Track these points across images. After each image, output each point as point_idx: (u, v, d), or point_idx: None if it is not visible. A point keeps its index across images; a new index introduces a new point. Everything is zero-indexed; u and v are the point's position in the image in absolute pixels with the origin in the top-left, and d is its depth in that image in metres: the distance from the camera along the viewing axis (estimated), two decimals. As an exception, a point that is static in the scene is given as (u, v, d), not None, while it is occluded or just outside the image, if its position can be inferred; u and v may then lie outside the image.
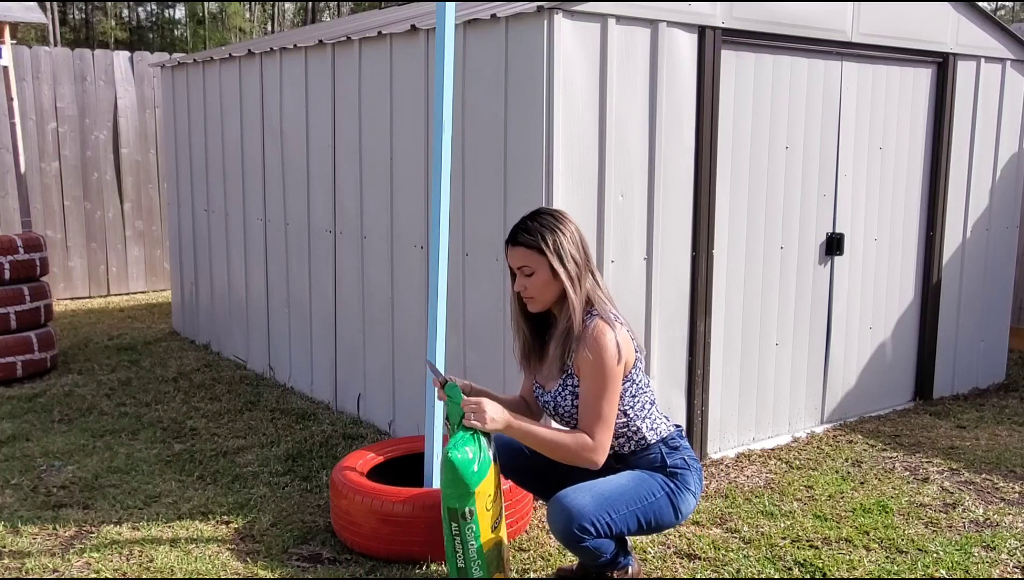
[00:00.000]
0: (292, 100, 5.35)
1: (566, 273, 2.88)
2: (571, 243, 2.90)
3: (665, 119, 4.06)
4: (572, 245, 2.90)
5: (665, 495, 2.94)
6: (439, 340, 3.37)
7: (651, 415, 3.01)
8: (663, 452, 3.00)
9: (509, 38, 3.81)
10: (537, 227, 2.91)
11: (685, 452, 3.04)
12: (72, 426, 4.94)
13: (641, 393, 2.99)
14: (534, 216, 2.96)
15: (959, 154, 5.39)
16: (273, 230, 5.71)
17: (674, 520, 2.99)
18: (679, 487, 2.97)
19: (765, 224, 4.57)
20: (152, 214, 9.28)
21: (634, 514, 2.88)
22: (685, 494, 2.98)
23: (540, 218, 2.94)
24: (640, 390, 2.98)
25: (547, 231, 2.89)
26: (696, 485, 3.02)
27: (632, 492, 2.90)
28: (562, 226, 2.91)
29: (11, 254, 5.78)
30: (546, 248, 2.87)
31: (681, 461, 3.00)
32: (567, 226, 2.92)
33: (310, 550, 3.48)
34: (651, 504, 2.91)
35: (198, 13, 41.87)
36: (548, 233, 2.89)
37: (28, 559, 3.38)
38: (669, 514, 2.96)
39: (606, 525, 2.83)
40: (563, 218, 2.95)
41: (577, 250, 2.91)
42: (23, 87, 8.33)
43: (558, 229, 2.90)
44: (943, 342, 5.52)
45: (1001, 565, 3.42)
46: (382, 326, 4.80)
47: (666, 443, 3.01)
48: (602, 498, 2.83)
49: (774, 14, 4.36)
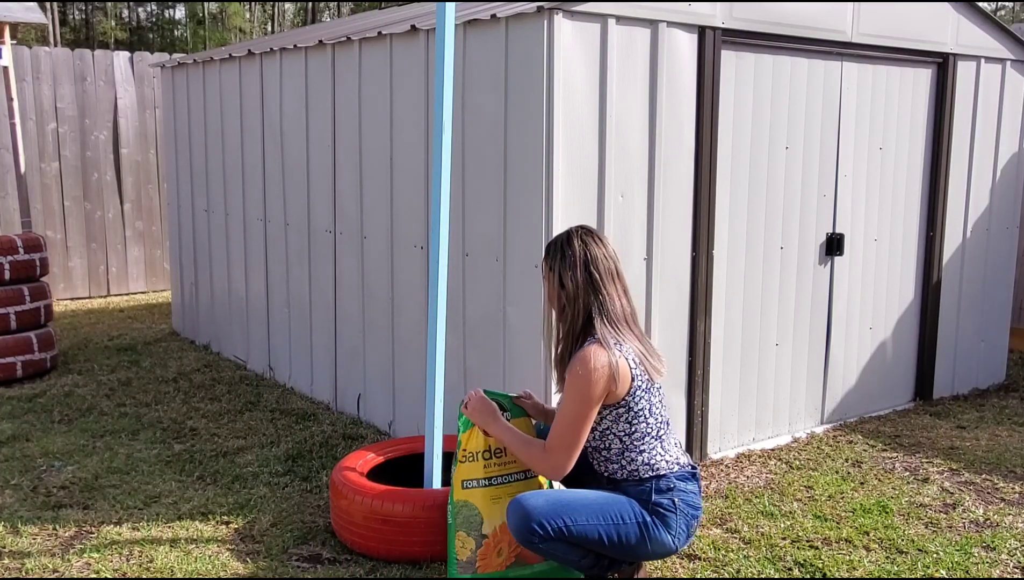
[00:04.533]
0: (292, 100, 5.35)
1: (558, 292, 3.00)
2: (573, 265, 2.96)
3: (665, 119, 4.06)
4: (574, 266, 2.95)
5: (635, 524, 2.89)
6: (439, 340, 3.37)
7: (650, 449, 2.95)
8: (651, 488, 2.93)
9: (509, 38, 3.81)
10: (553, 243, 3.07)
11: (679, 495, 2.94)
12: (72, 426, 4.94)
13: (639, 422, 2.93)
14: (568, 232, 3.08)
15: (959, 154, 5.39)
16: (273, 230, 5.71)
17: (645, 551, 2.93)
18: (655, 524, 2.90)
19: (765, 224, 4.57)
20: (152, 214, 9.28)
21: (595, 528, 2.86)
22: (661, 532, 2.91)
23: (563, 234, 3.06)
24: (638, 419, 2.93)
25: (555, 247, 3.04)
26: (679, 529, 2.93)
27: (598, 507, 2.89)
28: (568, 245, 3.00)
29: (11, 254, 5.78)
30: (547, 264, 3.05)
31: (668, 502, 2.92)
32: (572, 244, 2.99)
33: (310, 550, 3.48)
34: (617, 526, 2.88)
35: (198, 13, 41.87)
36: (555, 249, 3.03)
37: (28, 559, 3.38)
38: (639, 545, 2.90)
39: (558, 529, 2.82)
40: (576, 236, 3.01)
41: (578, 271, 2.95)
42: (23, 87, 8.34)
43: (566, 247, 2.99)
44: (943, 342, 5.52)
45: (1001, 565, 3.42)
46: (382, 326, 4.80)
47: (659, 481, 2.93)
48: (560, 503, 2.87)
49: (774, 14, 4.36)
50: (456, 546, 3.15)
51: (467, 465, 3.18)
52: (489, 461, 3.19)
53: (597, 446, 3.01)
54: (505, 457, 3.21)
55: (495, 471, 3.19)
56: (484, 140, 3.99)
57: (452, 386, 4.06)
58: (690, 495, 2.97)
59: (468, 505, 3.15)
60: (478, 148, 4.03)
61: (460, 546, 3.14)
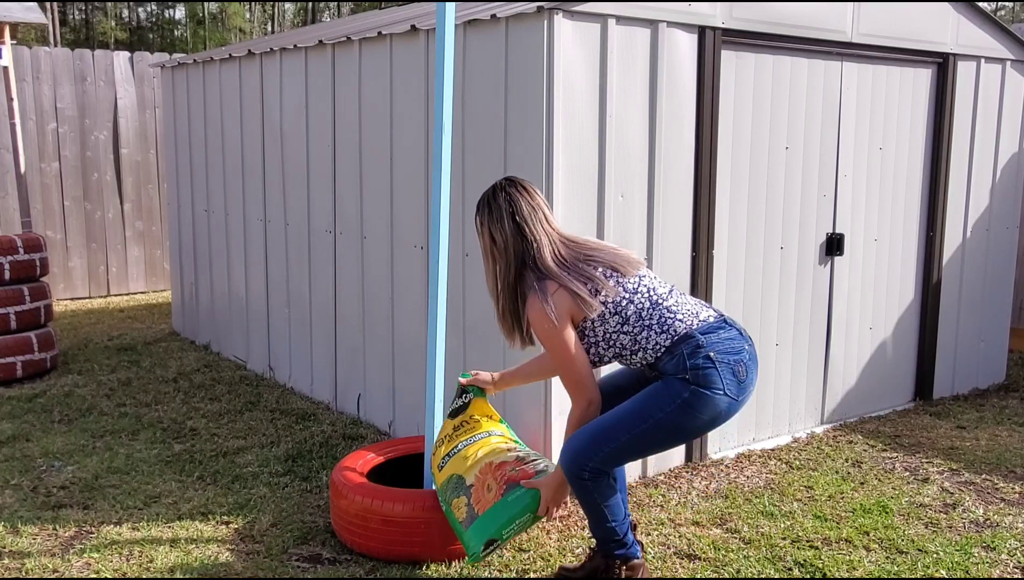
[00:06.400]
0: (292, 100, 5.35)
1: (490, 247, 3.06)
2: (500, 218, 3.01)
3: (665, 119, 4.06)
4: (501, 219, 3.01)
5: (676, 406, 2.88)
6: (439, 340, 3.38)
7: (657, 318, 2.95)
8: (684, 354, 2.90)
9: (509, 38, 3.81)
10: (480, 200, 3.11)
11: (712, 348, 2.89)
12: (72, 426, 4.94)
13: (625, 307, 2.95)
14: None
15: (959, 154, 5.39)
16: (273, 230, 5.71)
17: (702, 424, 2.91)
18: (699, 392, 2.86)
19: (765, 224, 4.57)
20: (152, 214, 9.28)
21: (639, 436, 2.91)
22: (707, 396, 2.86)
23: (489, 189, 3.11)
24: (621, 306, 2.95)
25: (482, 203, 3.08)
26: (726, 380, 2.88)
27: (635, 413, 2.93)
28: (494, 199, 3.04)
29: (11, 254, 5.78)
30: (478, 220, 3.09)
31: (704, 360, 2.87)
32: (498, 198, 3.05)
33: (310, 550, 3.48)
34: (658, 421, 2.89)
35: (198, 13, 41.86)
36: (483, 205, 3.08)
37: (28, 559, 3.38)
38: (690, 422, 2.89)
39: (604, 458, 2.93)
40: (500, 190, 3.06)
41: (505, 223, 3.00)
42: (23, 87, 8.34)
43: (492, 201, 3.05)
44: (943, 342, 5.52)
45: (1001, 565, 3.42)
46: (382, 326, 4.80)
47: (686, 344, 2.90)
48: (599, 432, 2.95)
49: (774, 14, 4.36)
50: (457, 518, 3.16)
51: (438, 450, 3.38)
52: (454, 435, 3.36)
53: (617, 352, 3.02)
54: (469, 424, 3.36)
55: (462, 438, 3.34)
56: (484, 140, 3.99)
57: (452, 386, 4.05)
58: (724, 342, 2.92)
59: (449, 478, 3.23)
60: (478, 148, 4.03)
61: (458, 512, 3.16)
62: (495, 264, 3.05)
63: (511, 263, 3.01)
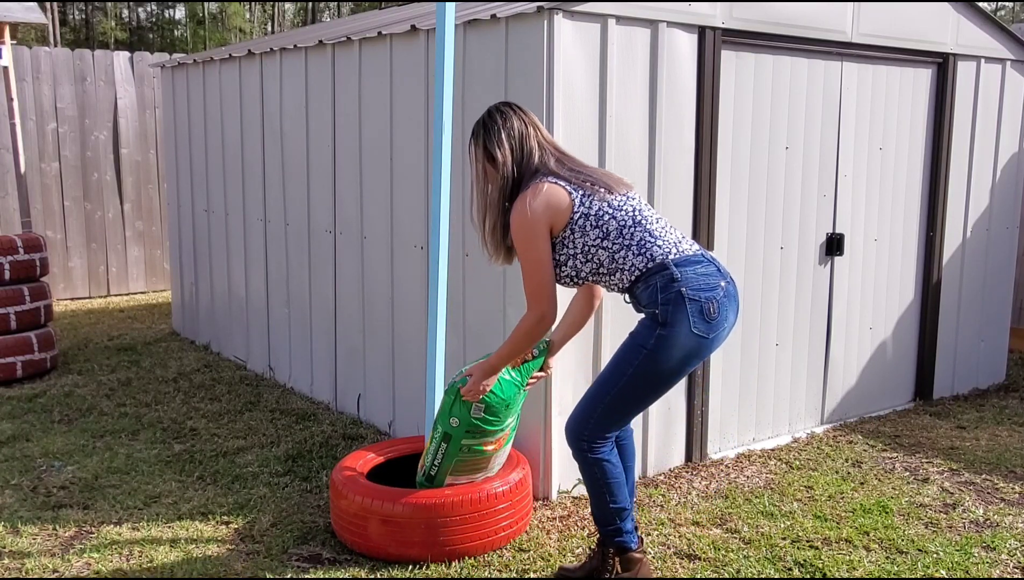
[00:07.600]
0: (292, 100, 5.35)
1: (486, 168, 3.08)
2: (498, 135, 3.04)
3: (665, 119, 4.06)
4: (499, 136, 3.03)
5: (643, 353, 2.90)
6: (439, 340, 3.37)
7: (638, 240, 2.94)
8: (658, 287, 2.90)
9: (509, 38, 3.81)
10: (476, 124, 3.13)
11: (684, 284, 2.87)
12: (72, 426, 4.94)
13: (605, 220, 2.94)
14: None
15: (959, 154, 5.39)
16: (273, 230, 5.71)
17: (673, 366, 2.91)
18: (660, 337, 2.87)
19: (765, 224, 4.57)
20: (152, 214, 9.28)
21: (619, 394, 2.96)
22: (672, 335, 2.86)
23: (483, 113, 3.13)
24: (601, 219, 2.94)
25: (478, 125, 3.10)
26: (692, 320, 2.85)
27: (610, 372, 2.99)
28: (491, 119, 3.07)
29: (11, 254, 5.78)
30: (474, 144, 3.11)
31: (673, 295, 2.87)
32: (495, 118, 3.06)
33: (310, 550, 3.49)
34: (634, 374, 2.92)
35: (198, 13, 41.86)
36: (479, 127, 3.10)
37: (28, 559, 3.38)
38: (658, 366, 2.90)
39: (594, 427, 3.00)
40: (496, 112, 3.08)
41: (504, 139, 3.02)
42: (23, 87, 8.34)
43: (489, 122, 3.07)
44: (943, 342, 5.52)
45: (1001, 565, 3.42)
46: (382, 326, 4.80)
47: (662, 276, 2.90)
48: (585, 401, 3.03)
49: (774, 14, 4.36)
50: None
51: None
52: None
53: (594, 269, 3.01)
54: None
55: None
56: (484, 140, 3.99)
57: (452, 386, 4.06)
58: (699, 278, 2.90)
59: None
60: (478, 148, 4.02)
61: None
62: (490, 185, 3.05)
63: (508, 177, 3.01)
